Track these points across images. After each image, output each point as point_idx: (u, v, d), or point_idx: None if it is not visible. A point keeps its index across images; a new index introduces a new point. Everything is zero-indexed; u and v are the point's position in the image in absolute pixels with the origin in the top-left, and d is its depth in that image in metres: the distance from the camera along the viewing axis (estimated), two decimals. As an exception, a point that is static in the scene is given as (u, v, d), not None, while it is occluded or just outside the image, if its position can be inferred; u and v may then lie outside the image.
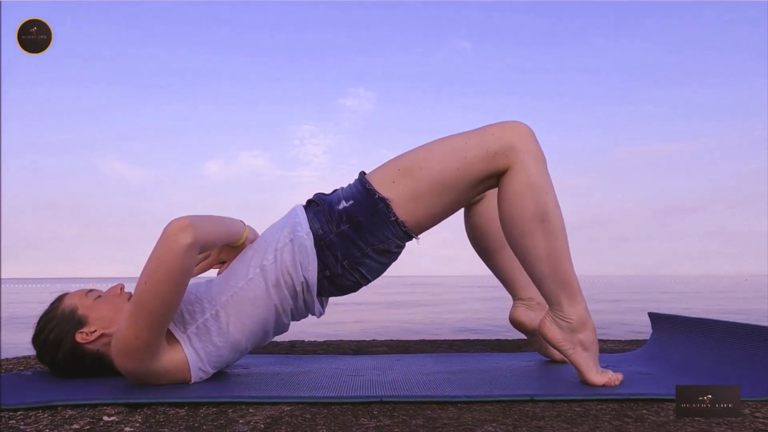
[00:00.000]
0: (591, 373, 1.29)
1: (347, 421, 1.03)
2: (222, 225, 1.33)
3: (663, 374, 1.43)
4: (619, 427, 1.00)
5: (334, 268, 1.32)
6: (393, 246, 1.33)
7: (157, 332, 1.22)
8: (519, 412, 1.09)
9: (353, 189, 1.34)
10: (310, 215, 1.34)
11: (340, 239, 1.30)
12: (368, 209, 1.29)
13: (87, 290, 1.44)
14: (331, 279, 1.34)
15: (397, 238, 1.31)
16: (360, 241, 1.30)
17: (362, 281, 1.36)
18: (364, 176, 1.34)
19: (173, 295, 1.19)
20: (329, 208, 1.33)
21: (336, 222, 1.31)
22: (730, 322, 1.46)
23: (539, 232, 1.26)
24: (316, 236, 1.31)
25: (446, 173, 1.28)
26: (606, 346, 2.06)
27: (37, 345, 1.40)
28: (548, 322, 1.31)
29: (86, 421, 1.05)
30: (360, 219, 1.29)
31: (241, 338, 1.34)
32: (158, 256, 1.17)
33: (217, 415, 1.08)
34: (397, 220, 1.29)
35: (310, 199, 1.39)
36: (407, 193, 1.28)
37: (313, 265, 1.32)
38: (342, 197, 1.34)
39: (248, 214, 40.78)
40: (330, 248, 1.31)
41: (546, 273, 1.28)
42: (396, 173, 1.30)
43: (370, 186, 1.30)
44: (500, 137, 1.27)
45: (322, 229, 1.31)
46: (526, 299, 1.61)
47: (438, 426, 1.00)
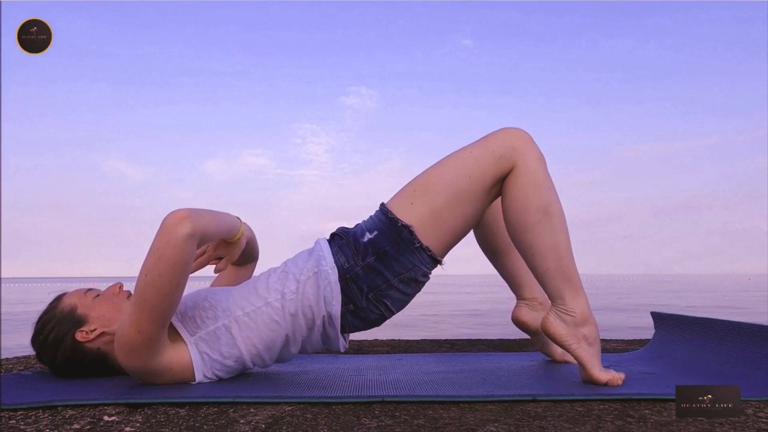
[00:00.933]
0: (595, 369, 1.29)
1: (349, 421, 1.03)
2: (219, 218, 1.32)
3: (666, 374, 1.42)
4: (622, 427, 1.00)
5: (358, 301, 1.32)
6: (420, 274, 1.33)
7: (159, 327, 1.22)
8: (521, 412, 1.08)
9: (376, 220, 1.35)
10: (335, 249, 1.34)
11: (366, 272, 1.31)
12: (393, 238, 1.30)
13: (85, 289, 1.44)
14: (355, 313, 1.34)
15: (423, 264, 1.32)
16: (386, 272, 1.30)
17: (387, 314, 1.36)
18: (384, 206, 1.35)
19: (174, 287, 1.19)
20: (354, 240, 1.33)
21: (362, 255, 1.31)
22: (733, 322, 1.45)
23: (543, 227, 1.28)
24: (341, 270, 1.31)
25: (459, 184, 1.30)
26: (608, 346, 2.06)
27: (37, 345, 1.39)
28: (551, 317, 1.31)
29: (87, 421, 1.04)
30: (386, 249, 1.30)
31: (247, 356, 1.33)
32: (158, 249, 1.17)
33: (218, 415, 1.07)
34: (422, 246, 1.30)
35: (333, 233, 1.39)
36: (427, 212, 1.30)
37: (338, 299, 1.31)
38: (365, 229, 1.34)
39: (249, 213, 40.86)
40: (355, 281, 1.31)
41: (550, 267, 1.29)
42: (412, 194, 1.32)
43: (392, 214, 1.31)
44: (503, 141, 1.31)
45: (348, 262, 1.31)
46: (530, 299, 1.61)
47: (440, 426, 1.00)
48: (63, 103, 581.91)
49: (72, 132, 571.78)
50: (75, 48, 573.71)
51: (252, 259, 1.64)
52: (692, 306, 9.51)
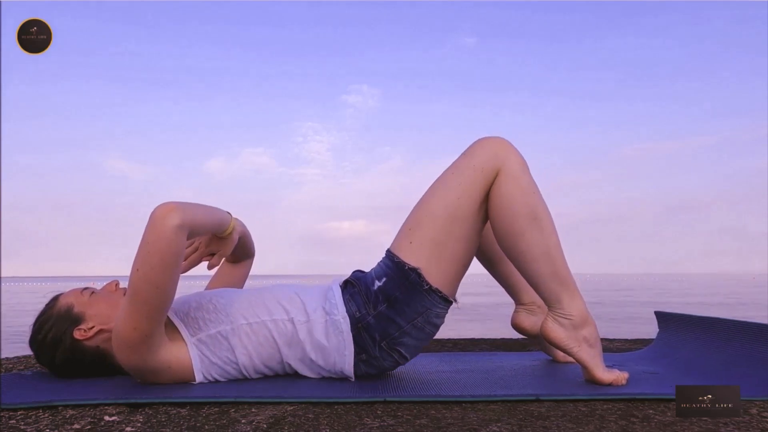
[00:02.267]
0: (598, 370, 1.28)
1: (351, 421, 1.03)
2: (208, 210, 1.31)
3: (670, 373, 1.42)
4: (625, 426, 0.99)
5: (371, 350, 1.32)
6: (433, 316, 1.32)
7: (155, 322, 1.21)
8: (524, 412, 1.08)
9: (383, 266, 1.34)
10: (347, 297, 1.34)
11: (378, 320, 1.30)
12: (401, 283, 1.29)
13: (81, 288, 1.44)
14: (367, 362, 1.33)
15: (436, 305, 1.31)
16: (398, 318, 1.30)
17: (401, 360, 1.36)
18: (390, 251, 1.34)
19: (167, 280, 1.18)
20: (366, 289, 1.33)
21: (373, 303, 1.31)
22: (738, 321, 1.45)
23: (533, 233, 1.27)
24: (352, 319, 1.31)
25: (451, 208, 1.29)
26: (612, 345, 2.05)
27: (35, 346, 1.39)
28: (550, 322, 1.30)
29: (87, 421, 1.04)
30: (396, 294, 1.29)
31: (243, 365, 1.33)
32: (148, 242, 1.17)
33: (219, 415, 1.07)
34: (431, 288, 1.29)
35: (347, 280, 1.39)
36: (427, 246, 1.29)
37: (350, 350, 1.31)
38: (375, 277, 1.34)
39: (250, 213, 40.85)
40: (367, 330, 1.30)
41: (544, 271, 1.28)
42: (409, 233, 1.31)
43: (397, 258, 1.31)
44: (482, 153, 1.30)
45: (360, 311, 1.31)
46: (528, 304, 1.61)
47: (442, 426, 0.99)
48: (63, 102, 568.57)
49: (72, 131, 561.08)
50: (75, 47, 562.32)
51: (247, 255, 1.63)
52: (696, 305, 9.49)
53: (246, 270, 1.64)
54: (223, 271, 1.63)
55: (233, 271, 1.62)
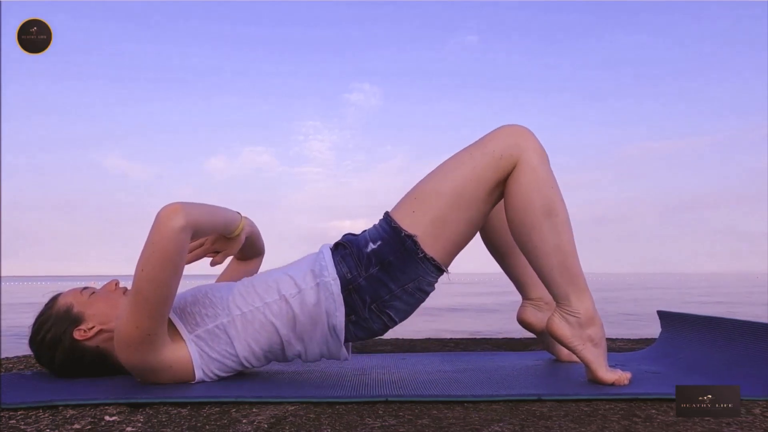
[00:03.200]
0: (601, 370, 1.27)
1: (352, 421, 1.02)
2: (215, 212, 1.31)
3: (672, 373, 1.41)
4: (628, 426, 0.99)
5: (361, 312, 1.30)
6: (425, 284, 1.31)
7: (157, 321, 1.21)
8: (526, 412, 1.07)
9: (379, 229, 1.33)
10: (337, 258, 1.32)
11: (369, 283, 1.29)
12: (396, 248, 1.28)
13: (81, 288, 1.44)
14: (357, 323, 1.32)
15: (428, 274, 1.30)
16: (390, 282, 1.29)
17: (390, 323, 1.35)
18: (387, 215, 1.33)
19: (170, 280, 1.19)
20: (358, 251, 1.31)
21: (365, 265, 1.29)
22: (741, 321, 1.44)
23: (547, 227, 1.26)
24: (343, 281, 1.30)
25: (460, 188, 1.28)
26: (615, 345, 2.04)
27: (35, 347, 1.39)
28: (556, 318, 1.30)
29: (87, 420, 1.04)
30: (389, 259, 1.28)
31: (243, 356, 1.32)
32: (152, 242, 1.17)
33: (220, 415, 1.07)
34: (426, 256, 1.28)
35: (338, 242, 1.37)
36: (429, 219, 1.28)
37: (341, 311, 1.30)
38: (369, 239, 1.32)
39: (252, 211, 41.62)
40: (358, 292, 1.29)
41: (554, 267, 1.27)
42: (414, 202, 1.30)
43: (395, 224, 1.29)
44: (502, 140, 1.29)
45: (351, 272, 1.30)
46: (535, 299, 1.60)
47: (444, 426, 0.99)
48: (63, 101, 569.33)
49: (72, 130, 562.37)
50: (75, 46, 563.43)
51: (256, 254, 1.63)
52: (698, 305, 9.48)
53: (255, 267, 1.64)
54: (232, 268, 1.63)
55: (242, 268, 1.62)
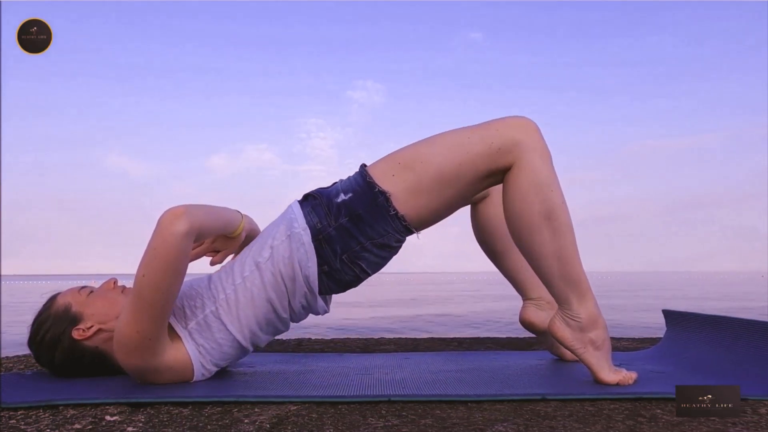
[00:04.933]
0: (603, 371, 1.27)
1: (355, 421, 1.02)
2: (217, 213, 1.31)
3: (677, 373, 1.40)
4: (633, 426, 0.98)
5: (332, 262, 1.29)
6: (393, 240, 1.30)
7: (158, 325, 1.21)
8: (530, 412, 1.07)
9: (353, 182, 1.31)
10: (307, 209, 1.31)
11: (339, 233, 1.28)
12: (368, 202, 1.26)
13: (79, 287, 1.43)
14: (329, 274, 1.31)
15: (397, 232, 1.28)
16: (360, 235, 1.27)
17: (362, 275, 1.33)
18: (364, 169, 1.31)
19: (172, 285, 1.18)
20: (328, 201, 1.30)
21: (335, 215, 1.28)
22: (746, 320, 1.43)
23: (546, 230, 1.23)
24: (313, 231, 1.28)
25: (448, 168, 1.25)
26: (619, 344, 2.03)
27: (34, 347, 1.38)
28: (558, 321, 1.29)
29: (88, 420, 1.03)
30: (359, 212, 1.27)
31: (240, 338, 1.32)
32: (154, 247, 1.17)
33: (221, 415, 1.06)
34: (397, 215, 1.26)
35: (307, 194, 1.36)
36: (408, 186, 1.26)
37: (313, 260, 1.29)
38: (341, 190, 1.31)
39: (253, 210, 41.43)
40: (329, 242, 1.28)
41: (554, 271, 1.25)
42: (397, 167, 1.27)
43: (370, 179, 1.27)
44: (504, 132, 1.25)
45: (321, 223, 1.28)
46: (536, 299, 1.58)
47: (447, 426, 0.99)
48: (64, 100, 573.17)
49: (73, 128, 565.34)
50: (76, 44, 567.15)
51: None
52: (703, 303, 9.46)
53: None
54: None
55: None
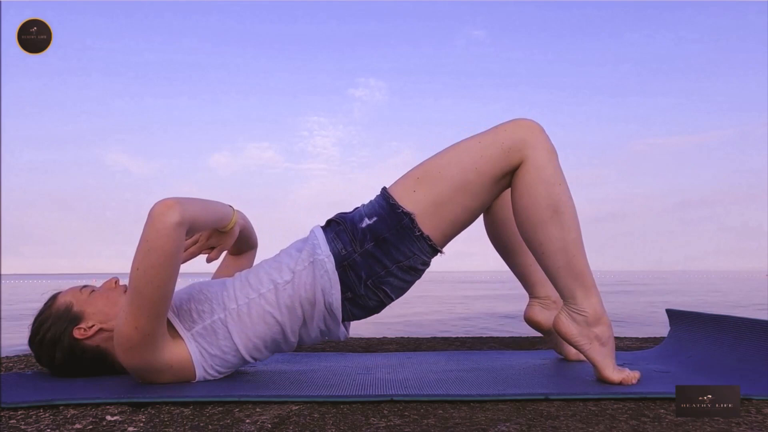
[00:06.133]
0: (608, 369, 1.26)
1: (357, 421, 1.01)
2: (209, 206, 1.31)
3: (681, 372, 1.40)
4: (636, 426, 0.98)
5: (357, 288, 1.29)
6: (419, 262, 1.31)
7: (156, 321, 1.20)
8: (533, 412, 1.06)
9: (376, 205, 1.32)
10: (331, 235, 1.31)
11: (364, 258, 1.28)
12: (393, 225, 1.27)
13: (80, 286, 1.42)
14: (353, 300, 1.31)
15: (423, 253, 1.30)
16: (385, 258, 1.28)
17: (386, 300, 1.34)
18: (386, 191, 1.32)
19: (167, 278, 1.17)
20: (352, 226, 1.30)
21: (360, 241, 1.28)
22: (750, 319, 1.43)
23: (553, 224, 1.25)
24: (337, 257, 1.29)
25: (465, 174, 1.27)
26: (623, 344, 2.03)
27: (34, 346, 1.38)
28: (563, 317, 1.29)
29: (89, 420, 1.03)
30: (385, 235, 1.27)
31: (243, 350, 1.31)
32: (147, 240, 1.15)
33: (223, 415, 1.06)
34: (422, 235, 1.27)
35: (330, 219, 1.36)
36: (429, 201, 1.27)
37: (336, 288, 1.29)
38: (365, 214, 1.31)
39: (255, 208, 41.31)
40: (353, 268, 1.28)
41: (560, 265, 1.26)
42: (415, 182, 1.29)
43: (393, 200, 1.29)
44: (512, 133, 1.28)
45: (345, 249, 1.29)
46: (543, 297, 1.58)
47: (450, 426, 0.98)
48: (64, 97, 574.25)
49: (74, 125, 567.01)
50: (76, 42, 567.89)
51: (250, 247, 1.62)
52: (707, 303, 9.44)
53: (249, 261, 1.63)
54: (227, 264, 1.62)
55: (236, 263, 1.61)
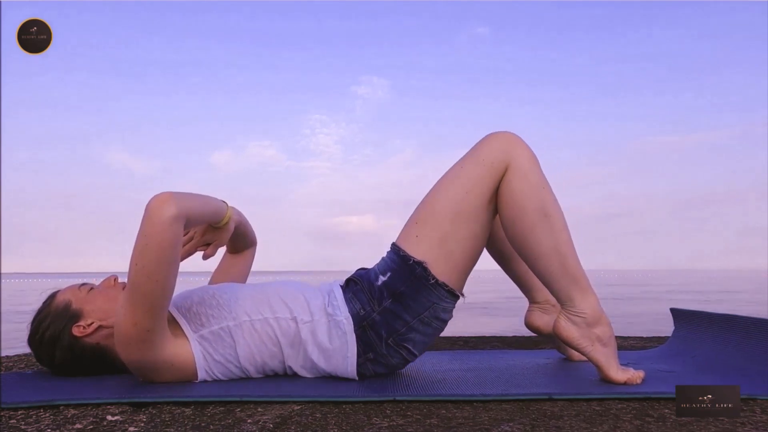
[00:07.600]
0: (612, 370, 1.26)
1: (359, 421, 1.01)
2: (203, 200, 1.30)
3: (686, 372, 1.39)
4: (641, 426, 0.97)
5: (378, 348, 1.29)
6: (440, 311, 1.30)
7: (156, 317, 1.19)
8: (537, 411, 1.06)
9: (388, 260, 1.33)
10: (349, 296, 1.32)
11: (383, 316, 1.28)
12: (407, 277, 1.28)
13: (79, 284, 1.42)
14: (375, 360, 1.31)
15: (443, 300, 1.29)
16: (405, 313, 1.28)
17: (409, 357, 1.34)
18: (395, 244, 1.33)
19: (166, 272, 1.17)
20: (369, 285, 1.31)
21: (378, 299, 1.29)
22: (755, 318, 1.42)
23: (543, 228, 1.25)
24: (356, 318, 1.29)
25: (458, 203, 1.28)
26: (627, 343, 2.02)
27: (34, 345, 1.38)
28: (562, 321, 1.29)
29: (89, 420, 1.03)
30: (401, 289, 1.28)
31: (245, 363, 1.31)
32: (145, 234, 1.15)
33: (224, 415, 1.05)
34: (438, 282, 1.27)
35: (349, 278, 1.37)
36: (434, 241, 1.28)
37: (353, 351, 1.29)
38: (379, 272, 1.32)
39: (258, 206, 41.42)
40: (373, 327, 1.29)
41: (554, 269, 1.26)
42: (415, 227, 1.30)
43: (403, 252, 1.29)
44: (491, 148, 1.29)
45: (364, 308, 1.29)
46: (542, 302, 1.58)
47: (453, 425, 0.98)
48: (65, 95, 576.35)
49: (75, 124, 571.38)
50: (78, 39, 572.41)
51: (248, 245, 1.61)
52: (712, 302, 9.42)
53: (249, 260, 1.63)
54: (226, 263, 1.61)
55: (236, 262, 1.61)
